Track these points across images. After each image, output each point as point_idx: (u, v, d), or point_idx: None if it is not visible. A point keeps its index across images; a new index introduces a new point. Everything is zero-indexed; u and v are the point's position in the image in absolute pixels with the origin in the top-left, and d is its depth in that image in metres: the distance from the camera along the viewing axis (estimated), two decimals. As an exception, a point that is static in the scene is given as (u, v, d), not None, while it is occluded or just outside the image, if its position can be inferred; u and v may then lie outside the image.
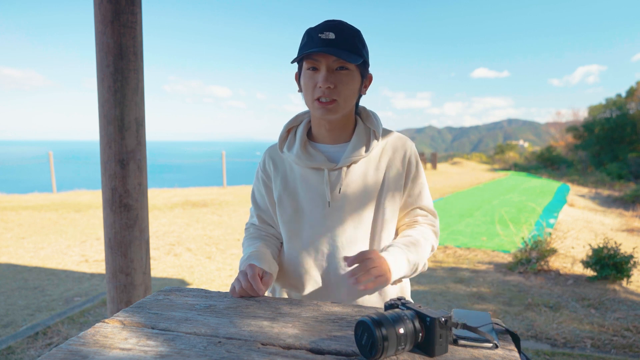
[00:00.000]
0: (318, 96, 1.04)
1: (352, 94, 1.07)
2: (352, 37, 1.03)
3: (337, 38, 1.01)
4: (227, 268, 4.36)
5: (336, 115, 1.07)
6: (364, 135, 1.13)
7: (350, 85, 1.05)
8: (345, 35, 1.02)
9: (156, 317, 0.87)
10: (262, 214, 1.23)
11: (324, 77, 1.02)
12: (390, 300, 0.81)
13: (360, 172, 1.11)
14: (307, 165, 1.11)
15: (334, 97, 1.03)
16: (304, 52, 1.01)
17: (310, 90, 1.05)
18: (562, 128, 37.71)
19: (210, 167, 28.18)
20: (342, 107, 1.06)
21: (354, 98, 1.09)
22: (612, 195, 12.95)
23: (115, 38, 1.78)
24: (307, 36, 1.04)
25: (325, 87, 1.02)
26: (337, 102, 1.04)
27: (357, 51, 1.03)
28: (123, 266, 1.90)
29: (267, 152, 1.22)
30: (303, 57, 1.03)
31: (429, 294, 3.62)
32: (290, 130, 1.19)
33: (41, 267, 4.27)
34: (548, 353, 2.51)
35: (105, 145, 1.85)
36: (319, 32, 1.01)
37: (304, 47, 1.04)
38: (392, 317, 0.70)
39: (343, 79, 1.03)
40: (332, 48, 1.00)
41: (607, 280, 3.89)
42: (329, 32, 1.01)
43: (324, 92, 1.03)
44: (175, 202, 8.90)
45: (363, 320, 0.69)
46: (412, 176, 1.15)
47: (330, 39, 1.00)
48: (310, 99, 1.06)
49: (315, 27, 1.04)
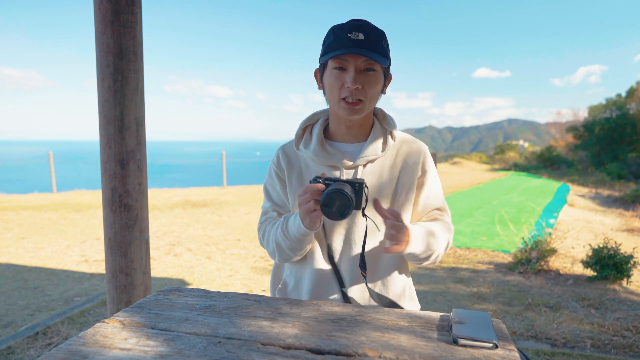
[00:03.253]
0: (345, 96, 1.04)
1: (376, 94, 1.08)
2: (379, 38, 1.03)
3: (366, 39, 1.01)
4: (227, 268, 4.36)
5: (360, 116, 1.08)
6: (381, 135, 1.15)
7: (376, 87, 1.06)
8: (374, 36, 1.02)
9: (156, 317, 0.87)
10: (280, 209, 1.21)
11: (352, 78, 1.02)
12: (314, 178, 1.00)
13: (376, 171, 1.12)
14: (323, 163, 1.12)
15: (360, 98, 1.04)
16: (336, 53, 1.01)
17: (336, 90, 1.05)
18: (562, 128, 37.73)
19: (210, 167, 28.19)
20: (367, 108, 1.08)
21: (377, 98, 1.11)
22: (612, 195, 12.95)
23: (115, 38, 1.78)
24: (334, 35, 1.04)
25: (354, 87, 1.02)
26: (363, 103, 1.05)
27: (384, 52, 1.04)
28: (123, 266, 1.90)
29: (280, 149, 1.21)
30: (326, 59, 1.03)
31: (429, 294, 3.62)
32: (306, 129, 1.19)
33: (41, 267, 4.27)
34: (548, 353, 2.51)
35: (105, 145, 1.85)
36: (348, 32, 1.01)
37: (332, 46, 1.03)
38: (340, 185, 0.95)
39: (370, 80, 1.04)
40: (362, 49, 1.00)
41: (607, 280, 3.89)
42: (358, 32, 1.00)
43: (351, 92, 1.03)
44: (175, 202, 8.90)
45: (331, 191, 0.92)
46: (428, 179, 1.17)
47: (360, 39, 1.00)
48: (335, 98, 1.06)
49: (342, 25, 1.03)
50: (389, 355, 0.72)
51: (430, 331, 0.82)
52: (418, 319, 0.89)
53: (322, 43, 1.08)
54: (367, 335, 0.80)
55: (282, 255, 1.14)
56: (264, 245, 1.20)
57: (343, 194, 0.91)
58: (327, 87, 1.08)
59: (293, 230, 1.07)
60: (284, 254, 1.13)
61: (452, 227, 1.19)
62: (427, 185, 1.17)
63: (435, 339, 0.78)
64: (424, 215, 1.18)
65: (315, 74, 1.14)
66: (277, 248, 1.13)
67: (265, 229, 1.19)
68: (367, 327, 0.83)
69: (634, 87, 25.83)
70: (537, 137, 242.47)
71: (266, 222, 1.21)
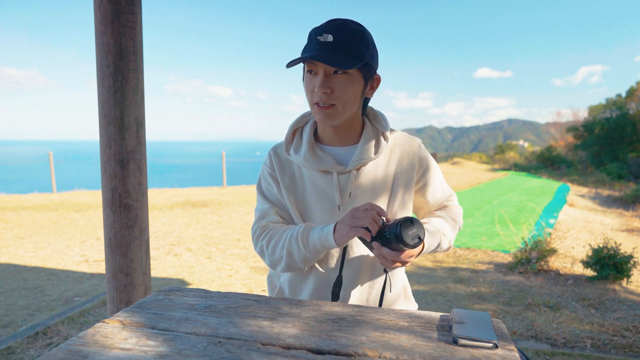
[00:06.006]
0: (317, 101, 1.01)
1: (352, 98, 1.02)
2: (353, 38, 0.97)
3: (336, 40, 0.96)
4: (227, 268, 4.36)
5: (335, 121, 1.04)
6: (372, 136, 1.10)
7: (349, 90, 1.00)
8: (347, 37, 0.97)
9: (156, 317, 0.87)
10: (279, 211, 1.16)
11: (320, 82, 0.98)
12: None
13: (370, 174, 1.09)
14: (315, 168, 1.09)
15: (332, 102, 1.00)
16: (300, 57, 0.98)
17: (309, 94, 1.03)
18: (562, 128, 37.73)
19: (210, 167, 28.20)
20: (341, 112, 1.02)
21: (356, 102, 1.04)
22: (612, 195, 12.95)
23: (115, 38, 1.78)
24: (308, 37, 1.02)
25: (321, 92, 0.99)
26: (335, 107, 1.01)
27: (357, 54, 0.97)
28: (123, 266, 1.90)
29: (272, 151, 1.17)
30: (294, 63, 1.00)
31: (429, 294, 3.62)
32: (296, 132, 1.15)
33: (41, 267, 4.27)
34: (548, 353, 2.51)
35: (105, 145, 1.85)
36: (318, 34, 0.98)
37: (304, 49, 1.01)
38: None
39: (341, 84, 0.99)
40: (327, 52, 0.96)
41: (607, 280, 3.89)
42: (328, 34, 0.96)
43: (320, 97, 1.00)
44: (175, 202, 8.89)
45: (404, 219, 0.91)
46: (431, 175, 1.16)
47: (328, 41, 0.96)
48: (310, 102, 1.04)
49: (317, 27, 1.00)
50: (389, 355, 0.72)
51: (430, 331, 0.82)
52: (418, 319, 0.89)
53: None
54: (367, 335, 0.80)
55: (290, 264, 1.08)
56: (267, 252, 1.11)
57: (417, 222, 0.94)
58: (304, 90, 1.05)
59: (316, 241, 1.02)
60: (293, 262, 1.07)
61: (459, 210, 1.22)
62: (432, 182, 1.16)
63: (435, 339, 0.78)
64: (438, 207, 1.21)
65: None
66: (287, 256, 1.07)
67: (271, 236, 1.10)
68: (367, 327, 0.83)
69: (634, 87, 25.82)
70: (537, 137, 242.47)
71: (268, 227, 1.13)
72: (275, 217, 1.14)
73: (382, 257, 0.95)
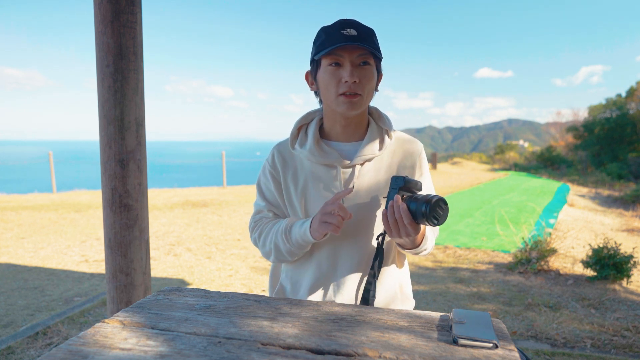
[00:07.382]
0: (343, 91, 1.04)
1: (372, 89, 1.09)
2: (371, 34, 1.04)
3: (360, 34, 1.02)
4: (227, 268, 4.36)
5: (358, 111, 1.08)
6: (377, 134, 1.15)
7: (371, 81, 1.06)
8: (365, 32, 1.03)
9: (156, 317, 0.87)
10: (274, 209, 1.21)
11: (349, 71, 1.02)
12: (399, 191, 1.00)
13: (372, 170, 1.12)
14: (319, 162, 1.12)
15: (358, 92, 1.04)
16: (332, 47, 1.00)
17: (333, 86, 1.05)
18: (562, 128, 37.72)
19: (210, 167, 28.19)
20: (365, 102, 1.08)
21: (373, 94, 1.11)
22: (612, 195, 12.94)
23: (115, 38, 1.78)
24: (325, 34, 1.04)
25: (352, 81, 1.02)
26: (361, 97, 1.05)
27: (377, 47, 1.05)
28: (123, 266, 1.90)
29: (275, 148, 1.20)
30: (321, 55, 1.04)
31: (429, 294, 3.62)
32: (301, 128, 1.18)
33: (41, 267, 4.27)
34: (548, 353, 2.51)
35: (105, 145, 1.85)
36: (340, 29, 1.02)
37: (325, 44, 1.02)
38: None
39: (367, 74, 1.05)
40: (356, 43, 1.01)
41: (607, 280, 3.89)
42: (350, 28, 1.01)
43: (350, 86, 1.03)
44: (175, 202, 8.90)
45: (441, 197, 0.94)
46: (424, 177, 1.18)
47: (353, 35, 1.01)
48: (333, 95, 1.06)
49: (332, 25, 1.04)
50: (389, 355, 0.72)
51: (430, 331, 0.82)
52: (418, 319, 0.89)
53: (313, 44, 1.08)
54: (367, 335, 0.80)
55: (279, 256, 1.16)
56: (259, 244, 1.20)
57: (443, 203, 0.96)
58: (322, 85, 1.07)
59: (297, 236, 1.08)
60: (281, 255, 1.15)
61: None
62: (425, 187, 1.17)
63: (435, 339, 0.78)
64: None
65: (307, 77, 1.14)
66: (274, 249, 1.14)
67: (262, 229, 1.19)
68: (367, 327, 0.83)
69: (634, 87, 25.81)
70: (537, 137, 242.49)
71: (261, 221, 1.21)
72: (269, 214, 1.21)
73: (396, 210, 0.97)
